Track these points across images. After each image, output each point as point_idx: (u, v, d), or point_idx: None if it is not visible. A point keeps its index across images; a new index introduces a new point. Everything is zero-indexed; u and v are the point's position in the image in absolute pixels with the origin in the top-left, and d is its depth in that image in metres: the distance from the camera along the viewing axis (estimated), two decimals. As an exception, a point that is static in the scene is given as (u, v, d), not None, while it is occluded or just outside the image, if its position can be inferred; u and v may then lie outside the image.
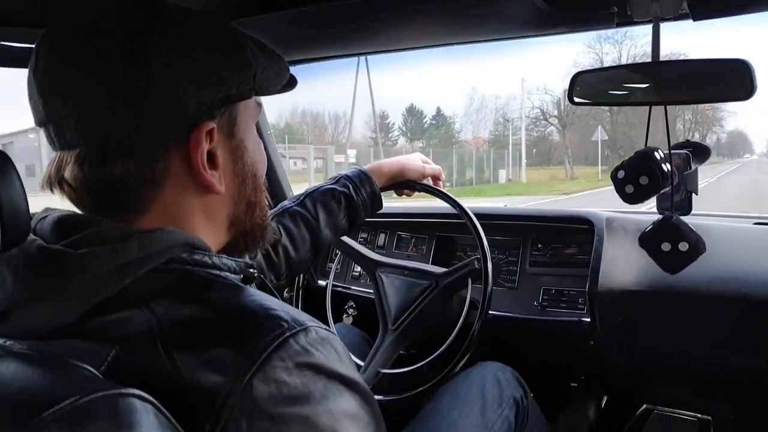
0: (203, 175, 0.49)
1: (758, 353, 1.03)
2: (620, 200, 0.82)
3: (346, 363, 0.46)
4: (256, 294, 0.47)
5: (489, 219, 1.18)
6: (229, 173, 0.53)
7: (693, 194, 1.00)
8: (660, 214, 1.10)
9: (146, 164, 0.47)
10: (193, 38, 0.49)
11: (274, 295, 0.64)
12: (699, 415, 1.33)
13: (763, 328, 1.00)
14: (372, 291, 1.17)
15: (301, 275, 1.40)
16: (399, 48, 0.99)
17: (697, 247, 0.82)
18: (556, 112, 26.57)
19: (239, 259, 0.53)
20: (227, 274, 0.50)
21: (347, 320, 1.38)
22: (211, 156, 0.50)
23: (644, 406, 1.39)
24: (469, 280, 1.03)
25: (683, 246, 0.82)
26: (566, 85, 0.81)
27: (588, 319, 1.08)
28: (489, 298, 0.98)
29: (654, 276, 1.03)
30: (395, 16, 0.85)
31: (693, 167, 0.99)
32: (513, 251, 1.28)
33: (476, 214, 1.06)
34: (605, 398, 1.48)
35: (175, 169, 0.49)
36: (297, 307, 1.22)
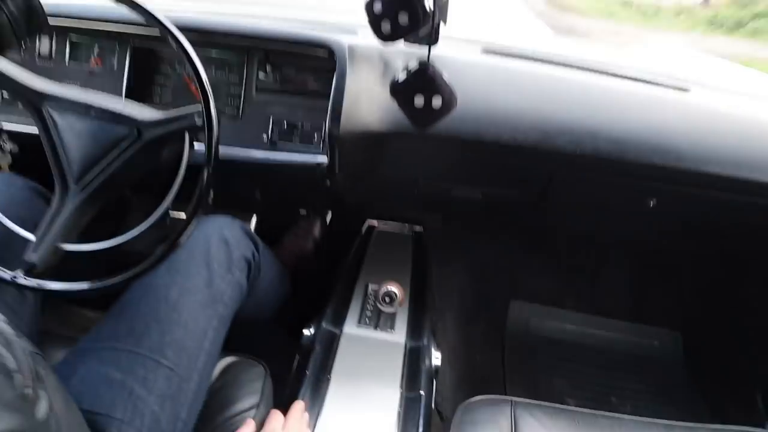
0: None
1: (478, 185, 1.14)
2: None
3: None
4: None
5: (204, 35, 0.95)
6: None
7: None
8: (408, 45, 1.02)
9: None
10: None
11: None
12: (414, 227, 1.49)
13: (488, 164, 1.09)
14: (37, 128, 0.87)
15: None
16: None
17: (450, 104, 0.78)
18: None
19: None
20: None
21: (1, 163, 1.05)
22: None
23: (368, 221, 1.49)
24: (187, 136, 0.84)
25: (437, 101, 0.78)
26: None
27: (325, 160, 1.02)
28: (216, 155, 0.81)
29: (396, 116, 0.99)
30: None
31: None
32: (235, 69, 1.09)
33: (187, 28, 0.82)
34: (330, 215, 1.55)
35: None
36: None
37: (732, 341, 1.62)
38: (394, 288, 1.13)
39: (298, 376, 1.04)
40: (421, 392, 1.03)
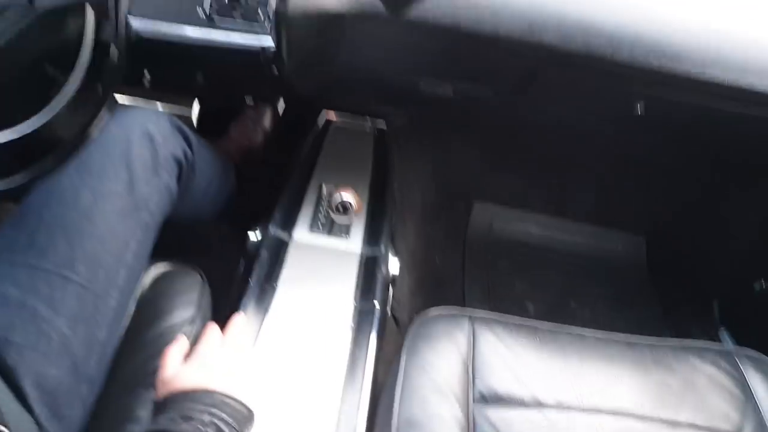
0: None
1: (450, 80, 1.02)
2: None
3: None
4: None
5: None
6: None
7: None
8: None
9: None
10: None
11: None
12: (376, 122, 1.37)
13: (464, 57, 0.96)
14: None
15: None
16: None
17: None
18: None
19: None
20: None
21: None
22: None
23: (324, 112, 1.36)
24: (89, 8, 0.68)
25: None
26: None
27: (271, 44, 0.88)
28: (126, 33, 0.66)
29: (357, -8, 0.83)
30: None
31: None
32: None
33: None
34: (282, 105, 1.40)
35: None
36: None
37: (695, 249, 1.62)
38: (349, 197, 1.03)
39: (241, 285, 0.96)
40: (375, 302, 0.98)
